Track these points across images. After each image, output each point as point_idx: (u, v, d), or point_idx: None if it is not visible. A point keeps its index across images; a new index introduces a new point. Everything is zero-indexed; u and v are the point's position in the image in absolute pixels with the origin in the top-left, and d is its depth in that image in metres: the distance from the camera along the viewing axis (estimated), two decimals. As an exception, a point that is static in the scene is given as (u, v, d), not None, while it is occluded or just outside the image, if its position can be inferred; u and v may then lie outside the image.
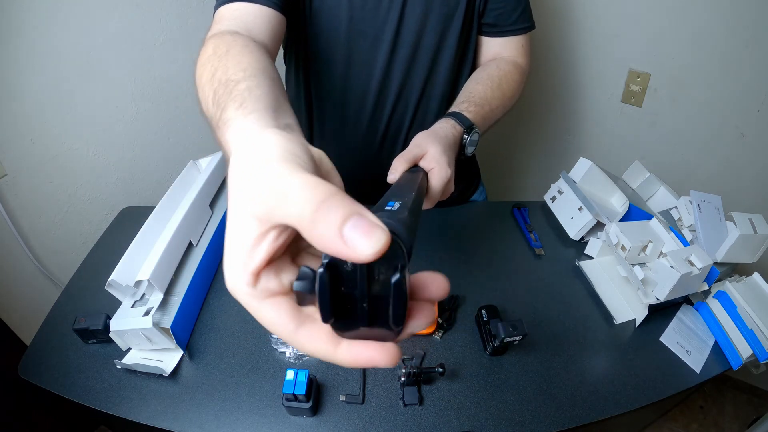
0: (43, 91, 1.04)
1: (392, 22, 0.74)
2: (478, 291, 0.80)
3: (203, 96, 0.43)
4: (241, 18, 0.59)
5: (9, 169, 1.04)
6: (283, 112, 0.36)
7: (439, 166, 0.55)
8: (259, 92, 0.36)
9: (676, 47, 1.15)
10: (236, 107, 0.34)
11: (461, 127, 0.65)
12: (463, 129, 0.65)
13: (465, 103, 0.70)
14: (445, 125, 0.63)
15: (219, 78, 0.41)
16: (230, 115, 0.34)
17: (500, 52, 0.83)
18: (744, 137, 1.16)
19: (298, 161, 0.25)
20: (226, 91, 0.38)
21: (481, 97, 0.72)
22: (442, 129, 0.62)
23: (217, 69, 0.42)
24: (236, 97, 0.36)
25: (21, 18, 0.95)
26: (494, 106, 0.73)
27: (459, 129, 0.65)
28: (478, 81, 0.76)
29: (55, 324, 0.75)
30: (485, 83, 0.75)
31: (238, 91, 0.36)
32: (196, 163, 0.90)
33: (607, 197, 0.92)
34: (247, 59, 0.44)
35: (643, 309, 0.75)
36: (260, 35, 0.58)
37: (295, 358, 0.69)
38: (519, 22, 0.80)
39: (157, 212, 0.78)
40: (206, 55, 0.47)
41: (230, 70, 0.41)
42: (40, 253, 1.16)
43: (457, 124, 0.65)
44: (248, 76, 0.39)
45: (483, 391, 0.66)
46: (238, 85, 0.37)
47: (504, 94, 0.76)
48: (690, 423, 1.49)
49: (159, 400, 0.64)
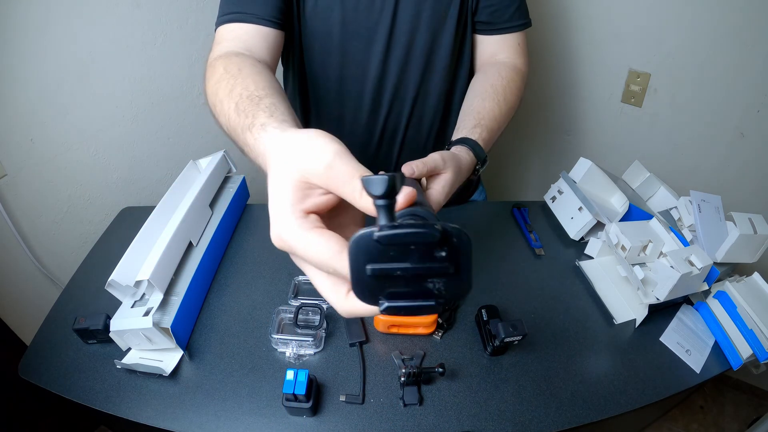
0: (43, 91, 1.04)
1: (385, 21, 0.74)
2: (478, 291, 0.80)
3: (222, 109, 0.50)
4: (240, 38, 0.64)
5: (9, 169, 1.04)
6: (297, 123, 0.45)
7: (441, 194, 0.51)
8: (282, 107, 0.45)
9: (676, 47, 1.15)
10: (268, 116, 0.43)
11: (476, 159, 0.62)
12: (477, 162, 0.62)
13: (477, 128, 0.65)
14: (465, 156, 0.59)
15: (240, 93, 0.48)
16: (263, 120, 0.42)
17: (497, 51, 0.81)
18: (744, 137, 1.16)
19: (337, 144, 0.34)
20: (252, 103, 0.46)
21: (491, 118, 0.68)
22: (463, 159, 0.58)
23: (235, 86, 0.50)
24: (265, 109, 0.44)
25: (21, 18, 0.95)
26: (501, 122, 0.71)
27: (474, 160, 0.61)
28: (485, 97, 0.72)
29: (55, 324, 0.75)
30: (492, 99, 0.71)
31: (264, 105, 0.45)
32: (196, 163, 0.90)
33: (607, 197, 0.92)
34: (262, 79, 0.52)
35: (643, 309, 0.75)
36: (260, 53, 0.64)
37: (295, 358, 0.69)
38: (514, 18, 0.79)
39: (157, 212, 0.78)
40: (218, 74, 0.54)
41: (251, 86, 0.49)
42: (40, 253, 1.16)
43: (473, 155, 0.61)
44: (269, 94, 0.48)
45: (483, 391, 0.66)
46: (263, 100, 0.46)
47: (510, 107, 0.73)
48: (690, 423, 1.49)
49: (159, 400, 0.64)
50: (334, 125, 0.86)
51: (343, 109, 0.84)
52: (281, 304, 0.75)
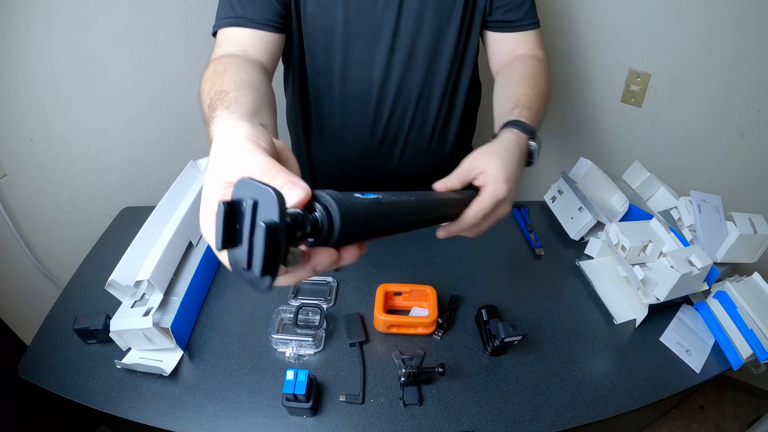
0: (43, 91, 1.04)
1: (389, 22, 0.73)
2: (478, 291, 0.80)
3: (203, 105, 0.52)
4: (237, 42, 0.66)
5: (9, 169, 1.04)
6: (261, 115, 0.47)
7: (494, 182, 0.51)
8: (243, 100, 0.48)
9: (676, 47, 1.15)
10: (224, 108, 0.45)
11: (526, 135, 0.60)
12: (528, 136, 0.60)
13: (516, 109, 0.64)
14: (510, 135, 0.59)
15: (216, 90, 0.51)
16: (218, 113, 0.45)
17: (517, 47, 0.80)
18: (744, 137, 1.16)
19: (258, 142, 0.34)
20: (219, 98, 0.48)
21: (528, 99, 0.67)
22: (507, 140, 0.58)
23: (215, 84, 0.52)
24: (224, 102, 0.47)
25: (21, 18, 0.95)
26: (539, 105, 0.70)
27: (524, 137, 0.60)
28: (515, 84, 0.71)
29: (55, 324, 0.75)
30: (524, 84, 0.70)
31: (227, 99, 0.48)
32: (196, 163, 0.90)
33: (607, 197, 0.92)
34: (239, 75, 0.54)
35: (643, 309, 0.75)
36: (256, 55, 0.66)
37: (295, 358, 0.69)
38: (528, 16, 0.79)
39: (157, 212, 0.77)
40: (208, 74, 0.57)
41: (225, 83, 0.51)
42: (40, 253, 1.16)
43: (521, 133, 0.60)
44: (237, 88, 0.50)
45: (483, 391, 0.66)
46: (229, 94, 0.49)
47: (541, 90, 0.72)
48: (690, 423, 1.49)
49: (159, 400, 0.64)
50: (335, 125, 0.86)
51: (345, 109, 0.84)
52: (281, 304, 0.75)
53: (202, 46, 1.27)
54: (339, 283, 0.81)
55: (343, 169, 0.93)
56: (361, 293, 0.79)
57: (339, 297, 0.79)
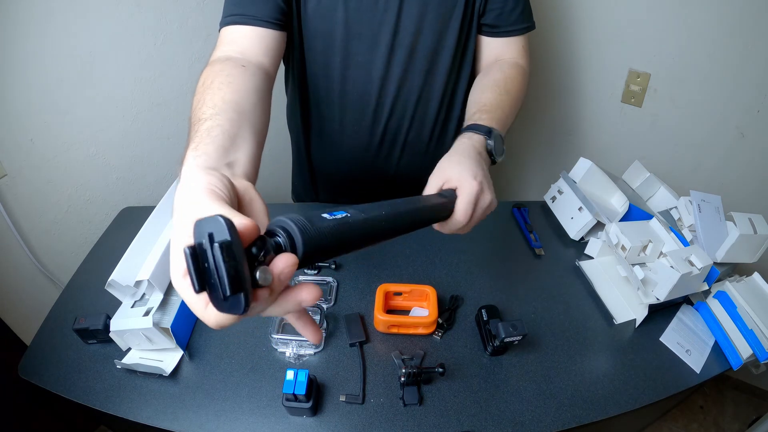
0: (43, 91, 1.04)
1: (389, 22, 0.73)
2: (478, 291, 0.80)
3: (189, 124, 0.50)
4: (236, 41, 0.65)
5: (9, 169, 1.04)
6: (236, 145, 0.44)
7: (464, 181, 0.54)
8: (216, 132, 0.44)
9: (676, 47, 1.15)
10: (193, 148, 0.42)
11: (480, 135, 0.63)
12: (483, 135, 0.63)
13: (477, 114, 0.68)
14: (463, 140, 0.63)
15: (197, 114, 0.48)
16: (187, 154, 0.42)
17: (502, 53, 0.82)
18: (744, 137, 1.16)
19: (216, 192, 0.35)
20: (194, 129, 0.46)
21: (492, 104, 0.70)
22: (461, 145, 0.62)
23: (198, 102, 0.50)
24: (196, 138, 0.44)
25: (21, 18, 0.95)
26: (506, 109, 0.72)
27: (478, 137, 0.63)
28: (484, 89, 0.74)
29: (55, 324, 0.75)
30: (492, 89, 0.73)
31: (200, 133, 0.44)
32: (196, 163, 0.90)
33: (607, 197, 0.92)
34: (222, 93, 0.51)
35: (643, 309, 0.75)
36: (255, 56, 0.64)
37: (295, 358, 0.69)
38: (519, 22, 0.80)
39: (157, 212, 0.78)
40: (199, 85, 0.54)
41: (205, 105, 0.49)
42: (40, 253, 1.16)
43: (473, 134, 0.63)
44: (215, 114, 0.47)
45: (483, 391, 0.66)
46: (203, 124, 0.45)
47: (512, 96, 0.75)
48: (690, 423, 1.49)
49: (159, 400, 0.64)
50: (335, 126, 0.86)
51: (344, 110, 0.84)
52: (281, 304, 0.75)
53: (202, 46, 1.27)
54: (339, 283, 0.81)
55: (343, 169, 0.93)
56: (361, 293, 0.79)
57: (339, 297, 0.79)
